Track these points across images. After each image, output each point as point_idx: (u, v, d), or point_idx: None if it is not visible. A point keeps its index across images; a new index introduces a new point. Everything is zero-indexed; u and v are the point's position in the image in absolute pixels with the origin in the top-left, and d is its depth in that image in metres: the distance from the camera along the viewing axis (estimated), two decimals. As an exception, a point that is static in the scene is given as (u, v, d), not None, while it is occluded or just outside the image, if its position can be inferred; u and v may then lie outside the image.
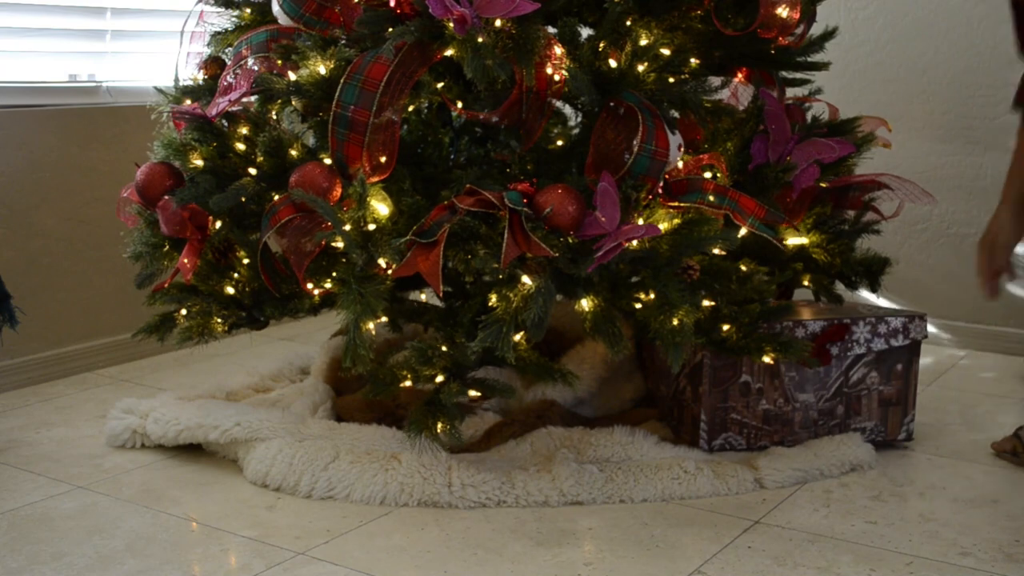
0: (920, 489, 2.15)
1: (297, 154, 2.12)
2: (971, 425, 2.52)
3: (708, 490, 2.09)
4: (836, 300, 2.48)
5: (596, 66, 2.04)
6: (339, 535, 1.92)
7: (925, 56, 3.14)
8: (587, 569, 1.81)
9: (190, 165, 2.19)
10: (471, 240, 1.97)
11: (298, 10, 2.12)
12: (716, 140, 2.18)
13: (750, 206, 2.03)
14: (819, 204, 2.38)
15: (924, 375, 2.83)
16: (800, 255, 2.39)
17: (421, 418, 2.03)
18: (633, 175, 2.01)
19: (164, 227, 2.20)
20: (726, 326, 2.14)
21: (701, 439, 2.23)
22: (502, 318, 1.94)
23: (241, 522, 1.97)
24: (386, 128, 2.02)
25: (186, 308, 2.29)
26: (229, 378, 2.63)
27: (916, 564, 1.83)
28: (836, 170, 2.41)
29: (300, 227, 2.01)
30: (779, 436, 2.26)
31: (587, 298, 2.03)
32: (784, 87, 2.48)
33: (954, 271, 3.18)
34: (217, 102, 2.16)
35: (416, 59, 2.01)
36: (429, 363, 2.02)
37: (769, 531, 1.95)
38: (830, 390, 2.27)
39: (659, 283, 2.01)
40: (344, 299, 1.96)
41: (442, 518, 1.99)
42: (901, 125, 2.88)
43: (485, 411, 2.32)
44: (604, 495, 2.06)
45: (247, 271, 2.25)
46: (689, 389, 2.26)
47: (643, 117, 2.00)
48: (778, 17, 2.20)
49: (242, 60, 2.17)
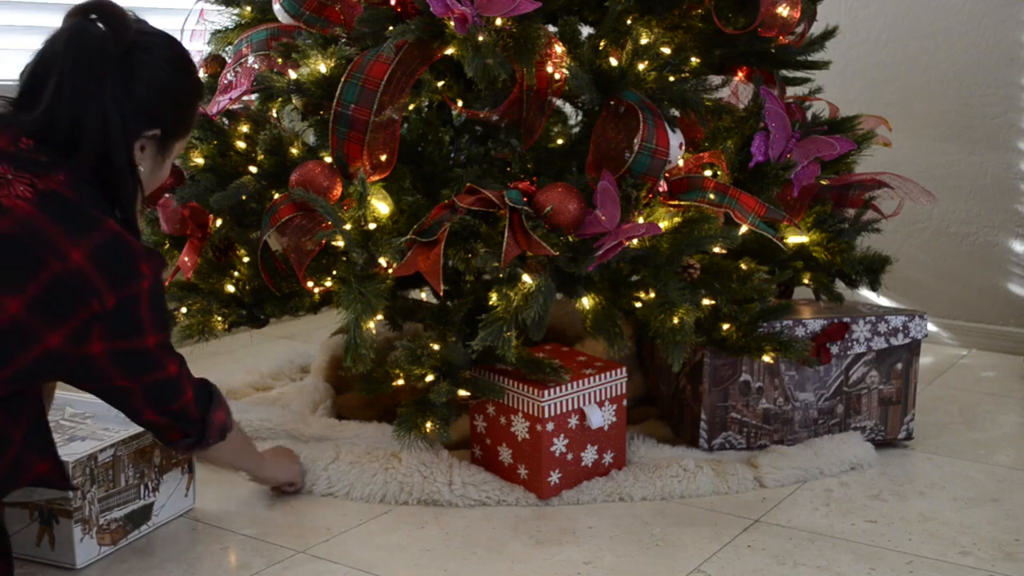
0: (920, 488, 2.15)
1: (298, 152, 2.12)
2: (971, 424, 2.52)
3: (708, 489, 2.09)
4: (836, 299, 2.48)
5: (597, 65, 2.04)
6: (339, 533, 1.92)
7: (925, 55, 3.14)
8: (587, 568, 1.81)
9: (190, 163, 2.19)
10: (471, 239, 1.97)
11: (298, 8, 2.12)
12: (716, 138, 2.19)
13: (750, 204, 2.03)
14: (819, 203, 2.38)
15: (924, 374, 2.83)
16: (800, 254, 2.39)
17: (411, 417, 2.03)
18: (633, 174, 2.01)
19: (164, 225, 2.20)
20: (726, 325, 2.14)
21: (701, 438, 2.23)
22: (502, 317, 1.94)
23: (241, 520, 1.97)
24: (387, 127, 2.02)
25: (186, 306, 2.29)
26: (229, 376, 2.63)
27: (916, 563, 1.84)
28: (836, 168, 2.41)
29: (300, 226, 2.01)
30: (779, 435, 2.26)
31: (588, 297, 2.03)
32: (784, 86, 2.48)
33: (954, 270, 3.18)
34: (218, 100, 2.16)
35: (417, 58, 2.01)
36: (419, 362, 2.02)
37: (769, 530, 1.95)
38: (830, 389, 2.27)
39: (659, 282, 2.01)
40: (344, 298, 1.96)
41: (442, 517, 1.99)
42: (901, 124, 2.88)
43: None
44: (604, 494, 2.06)
45: (247, 269, 2.25)
46: (689, 388, 2.26)
47: (643, 116, 2.00)
48: (778, 16, 2.20)
49: (242, 58, 2.18)
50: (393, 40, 1.97)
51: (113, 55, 1.52)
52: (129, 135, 1.56)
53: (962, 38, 3.09)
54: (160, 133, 1.60)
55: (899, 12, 3.17)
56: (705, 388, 2.21)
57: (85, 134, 1.52)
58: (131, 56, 1.55)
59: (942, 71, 3.13)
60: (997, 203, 3.10)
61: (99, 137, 1.52)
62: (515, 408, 2.04)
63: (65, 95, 1.51)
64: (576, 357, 2.18)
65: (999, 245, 3.11)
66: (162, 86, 1.58)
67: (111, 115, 1.52)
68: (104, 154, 1.53)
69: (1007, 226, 3.10)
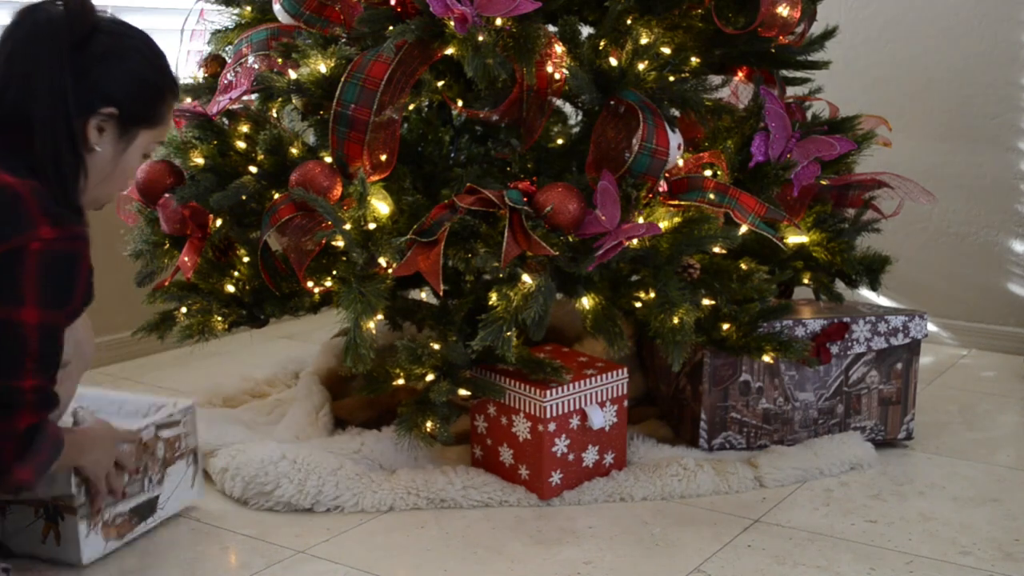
0: (920, 488, 2.15)
1: (298, 152, 2.12)
2: (971, 424, 2.52)
3: (708, 489, 2.09)
4: (836, 299, 2.48)
5: (597, 64, 2.04)
6: (339, 533, 1.92)
7: (925, 55, 3.14)
8: (587, 568, 1.81)
9: (191, 163, 2.19)
10: (471, 239, 1.97)
11: (298, 8, 2.12)
12: (716, 138, 2.19)
13: (750, 204, 2.03)
14: (819, 203, 2.38)
15: (924, 374, 2.83)
16: (800, 253, 2.39)
17: (411, 417, 2.03)
18: (633, 173, 2.01)
19: (164, 225, 2.20)
20: (726, 325, 2.14)
21: (701, 438, 2.23)
22: (502, 317, 1.94)
23: (241, 520, 1.97)
24: (387, 127, 2.02)
25: (186, 306, 2.29)
26: (225, 381, 2.61)
27: (916, 563, 1.84)
28: (836, 168, 2.41)
29: (300, 226, 2.01)
30: (779, 435, 2.26)
31: (588, 297, 2.03)
32: (784, 86, 2.48)
33: (954, 270, 3.18)
34: (218, 100, 2.16)
35: (417, 58, 2.01)
36: (419, 362, 2.02)
37: (769, 530, 1.95)
38: (830, 389, 2.27)
39: (659, 282, 2.01)
40: (345, 298, 1.96)
41: (442, 517, 1.99)
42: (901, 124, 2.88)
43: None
44: (604, 494, 2.06)
45: (247, 269, 2.25)
46: (689, 388, 2.26)
47: (643, 115, 2.00)
48: (779, 16, 2.20)
49: (242, 58, 2.17)
50: (393, 40, 1.97)
51: (67, 31, 1.53)
52: (77, 107, 1.54)
53: (962, 38, 3.09)
54: (117, 113, 1.58)
55: (899, 12, 3.17)
56: (705, 388, 2.21)
57: (26, 98, 1.51)
58: (92, 38, 1.56)
59: (942, 71, 3.13)
60: (997, 203, 3.10)
61: (42, 104, 1.51)
62: (516, 408, 2.04)
63: (15, 63, 1.52)
64: (577, 357, 2.18)
65: (999, 245, 3.11)
66: (123, 68, 1.58)
67: (56, 81, 1.51)
68: (43, 120, 1.52)
69: (1007, 226, 3.10)
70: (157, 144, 1.70)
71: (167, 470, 1.92)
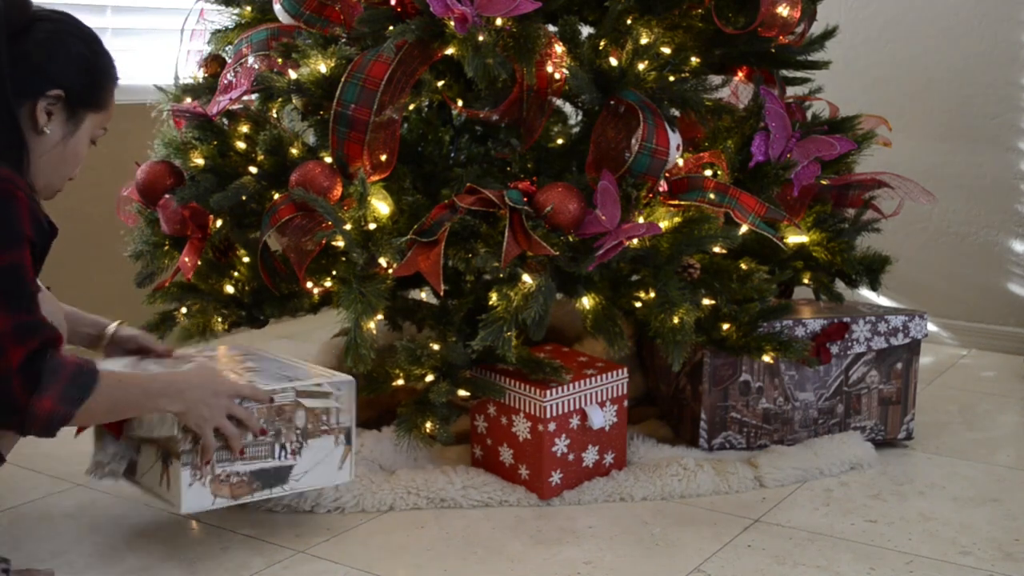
0: (920, 488, 2.15)
1: (298, 153, 2.12)
2: (971, 424, 2.52)
3: (708, 488, 2.09)
4: (836, 299, 2.48)
5: (597, 64, 2.04)
6: (339, 533, 1.92)
7: (925, 55, 3.14)
8: (587, 568, 1.81)
9: (190, 164, 2.19)
10: (472, 239, 1.97)
11: (299, 8, 2.12)
12: (716, 138, 2.19)
13: (751, 204, 2.03)
14: (819, 203, 2.38)
15: (924, 374, 2.83)
16: (800, 253, 2.39)
17: (410, 417, 2.03)
18: (633, 173, 2.01)
19: (164, 226, 2.20)
20: (726, 325, 2.15)
21: (701, 438, 2.23)
22: (502, 317, 1.94)
23: (241, 520, 1.97)
24: (387, 127, 2.02)
25: (186, 307, 2.30)
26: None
27: (916, 563, 1.84)
28: (836, 168, 2.41)
29: (300, 226, 2.01)
30: (779, 435, 2.26)
31: (588, 296, 2.03)
32: (784, 86, 2.48)
33: (954, 270, 3.18)
34: (217, 100, 2.16)
35: (417, 58, 2.01)
36: (418, 362, 2.02)
37: (769, 530, 1.95)
38: (830, 389, 2.27)
39: (659, 281, 2.01)
40: (345, 298, 1.96)
41: (442, 517, 1.99)
42: (901, 124, 2.88)
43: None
44: (604, 494, 2.06)
45: (247, 270, 2.25)
46: (689, 388, 2.26)
47: (644, 115, 2.00)
48: (779, 16, 2.20)
49: (242, 58, 2.17)
50: (393, 40, 1.97)
51: (3, 21, 1.57)
52: (19, 91, 1.59)
53: (962, 38, 3.09)
54: (64, 95, 1.63)
55: (899, 12, 3.17)
56: (705, 388, 2.21)
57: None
58: (32, 27, 1.61)
59: (942, 71, 3.13)
60: (997, 203, 3.10)
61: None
62: (516, 408, 2.04)
63: None
64: (577, 357, 2.18)
65: (999, 245, 3.11)
66: (66, 52, 1.63)
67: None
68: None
69: (1007, 226, 3.10)
70: (103, 130, 1.73)
71: (308, 442, 1.80)
